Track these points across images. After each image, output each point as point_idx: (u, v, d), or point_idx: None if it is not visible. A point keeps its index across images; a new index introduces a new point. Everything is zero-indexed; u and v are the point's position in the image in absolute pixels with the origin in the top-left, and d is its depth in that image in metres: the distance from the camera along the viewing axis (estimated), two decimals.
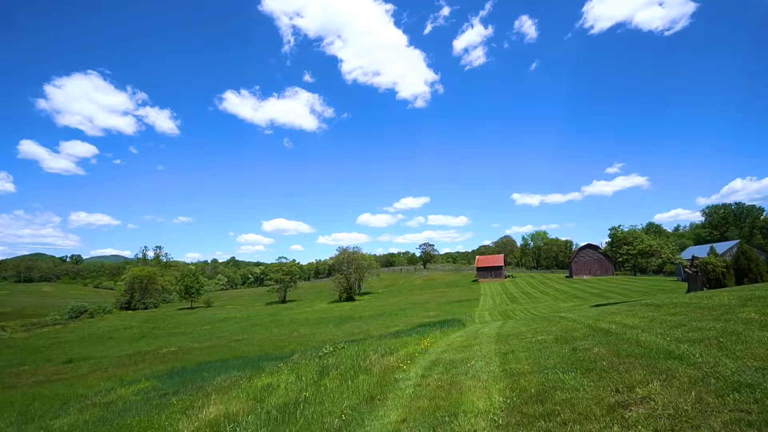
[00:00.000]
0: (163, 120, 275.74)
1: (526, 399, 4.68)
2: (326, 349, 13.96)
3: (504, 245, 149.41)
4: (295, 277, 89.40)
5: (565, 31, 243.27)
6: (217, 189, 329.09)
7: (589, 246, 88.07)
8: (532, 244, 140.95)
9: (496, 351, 8.40)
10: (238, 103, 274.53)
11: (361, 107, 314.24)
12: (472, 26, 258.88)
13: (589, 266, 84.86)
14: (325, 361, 10.77)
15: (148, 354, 31.60)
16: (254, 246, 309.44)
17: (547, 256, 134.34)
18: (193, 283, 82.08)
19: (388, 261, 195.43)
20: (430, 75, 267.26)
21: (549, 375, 5.47)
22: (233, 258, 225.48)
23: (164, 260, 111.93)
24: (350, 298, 75.04)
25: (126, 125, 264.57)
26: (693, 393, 3.83)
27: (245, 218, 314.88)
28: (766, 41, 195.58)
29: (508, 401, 4.76)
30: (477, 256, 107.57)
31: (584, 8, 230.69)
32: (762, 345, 4.88)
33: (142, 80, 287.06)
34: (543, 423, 3.90)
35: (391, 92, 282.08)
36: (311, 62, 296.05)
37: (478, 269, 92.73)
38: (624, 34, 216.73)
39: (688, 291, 28.27)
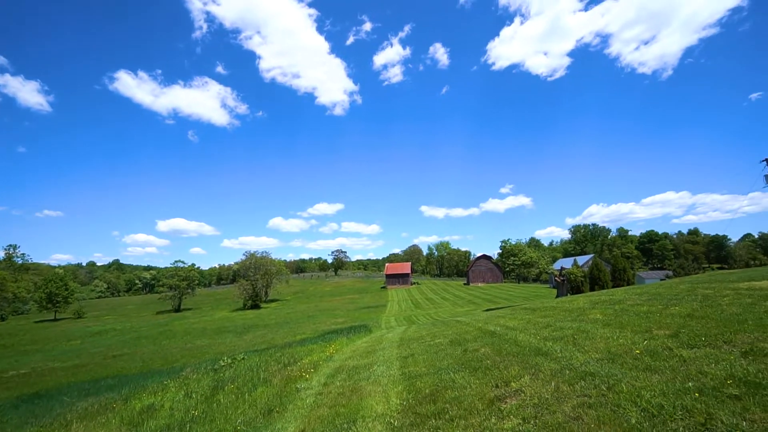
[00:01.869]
0: (28, 93, 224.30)
1: (421, 399, 5.00)
2: (224, 361, 12.91)
3: (412, 254, 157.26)
4: (194, 284, 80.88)
5: (472, 63, 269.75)
6: (100, 180, 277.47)
7: (483, 257, 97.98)
8: (436, 253, 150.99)
9: (398, 355, 8.78)
10: (134, 86, 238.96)
11: (278, 107, 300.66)
12: (391, 45, 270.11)
13: (483, 275, 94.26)
14: (221, 374, 9.96)
15: None
16: (145, 248, 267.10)
17: (449, 265, 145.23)
18: (60, 289, 68.06)
19: (299, 267, 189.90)
20: (350, 85, 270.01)
21: (442, 375, 5.93)
22: (117, 261, 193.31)
23: (19, 262, 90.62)
24: (256, 306, 70.56)
25: None
26: (553, 383, 4.55)
27: (135, 216, 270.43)
28: (618, 97, 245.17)
29: (405, 403, 5.02)
30: (386, 264, 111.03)
31: (488, 46, 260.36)
32: (602, 340, 6.04)
33: (0, 41, 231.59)
34: (434, 421, 4.22)
35: (310, 96, 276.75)
36: (226, 54, 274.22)
37: (387, 276, 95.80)
38: (518, 74, 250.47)
39: (557, 296, 33.44)
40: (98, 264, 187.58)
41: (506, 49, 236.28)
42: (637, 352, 5.01)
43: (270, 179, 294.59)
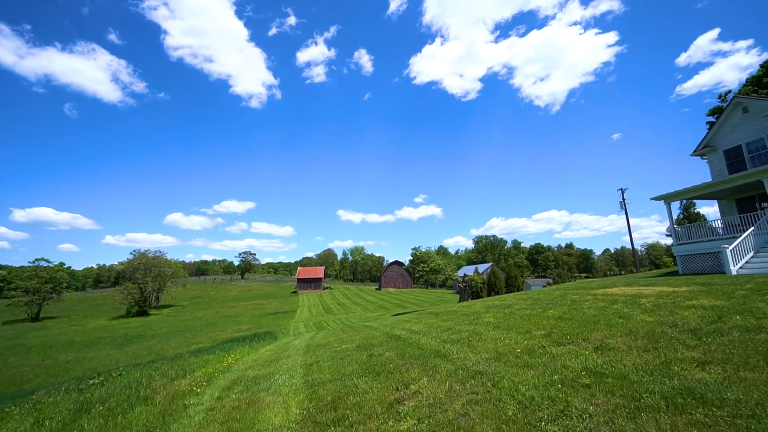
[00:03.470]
0: None
1: (322, 408, 4.90)
2: (94, 379, 11.01)
3: (326, 258, 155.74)
4: (61, 287, 67.94)
5: (395, 74, 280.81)
6: None
7: (396, 263, 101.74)
8: (351, 258, 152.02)
9: (302, 363, 8.51)
10: None
11: (185, 91, 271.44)
12: (316, 44, 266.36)
13: (394, 280, 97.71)
14: (89, 394, 8.45)
15: None
16: None
17: (362, 270, 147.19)
18: None
19: (200, 269, 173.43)
20: (270, 78, 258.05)
21: (346, 381, 5.90)
22: None
23: None
24: (143, 312, 62.02)
25: None
26: (447, 383, 4.86)
27: None
28: (518, 123, 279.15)
29: (305, 412, 4.86)
30: (299, 268, 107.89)
31: (411, 60, 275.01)
32: (492, 341, 6.68)
33: None
34: (333, 429, 4.16)
35: (223, 83, 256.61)
36: (122, 21, 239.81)
37: (299, 281, 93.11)
38: (437, 91, 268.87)
39: (459, 301, 36.21)
40: None
41: (426, 65, 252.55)
42: (519, 351, 5.65)
43: (170, 170, 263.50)
